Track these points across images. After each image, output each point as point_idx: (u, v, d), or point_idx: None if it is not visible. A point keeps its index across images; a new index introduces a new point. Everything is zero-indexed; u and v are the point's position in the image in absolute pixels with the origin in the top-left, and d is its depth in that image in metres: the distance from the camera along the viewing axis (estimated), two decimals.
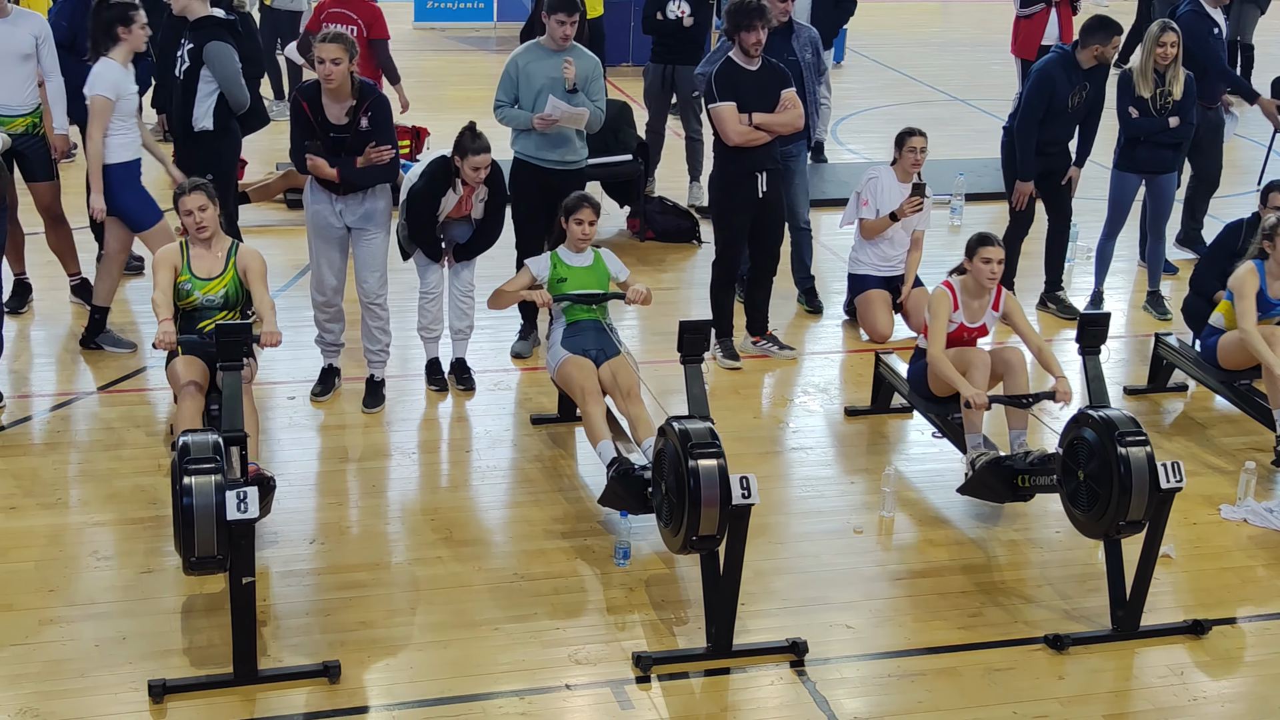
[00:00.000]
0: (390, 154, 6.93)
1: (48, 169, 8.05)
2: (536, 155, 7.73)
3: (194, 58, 7.69)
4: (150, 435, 6.97)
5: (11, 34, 7.71)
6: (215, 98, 7.73)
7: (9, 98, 7.73)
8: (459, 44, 16.44)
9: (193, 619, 5.52)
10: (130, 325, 8.22)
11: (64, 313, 8.33)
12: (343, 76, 6.76)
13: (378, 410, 7.31)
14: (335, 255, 7.20)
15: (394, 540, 6.18)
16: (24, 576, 5.73)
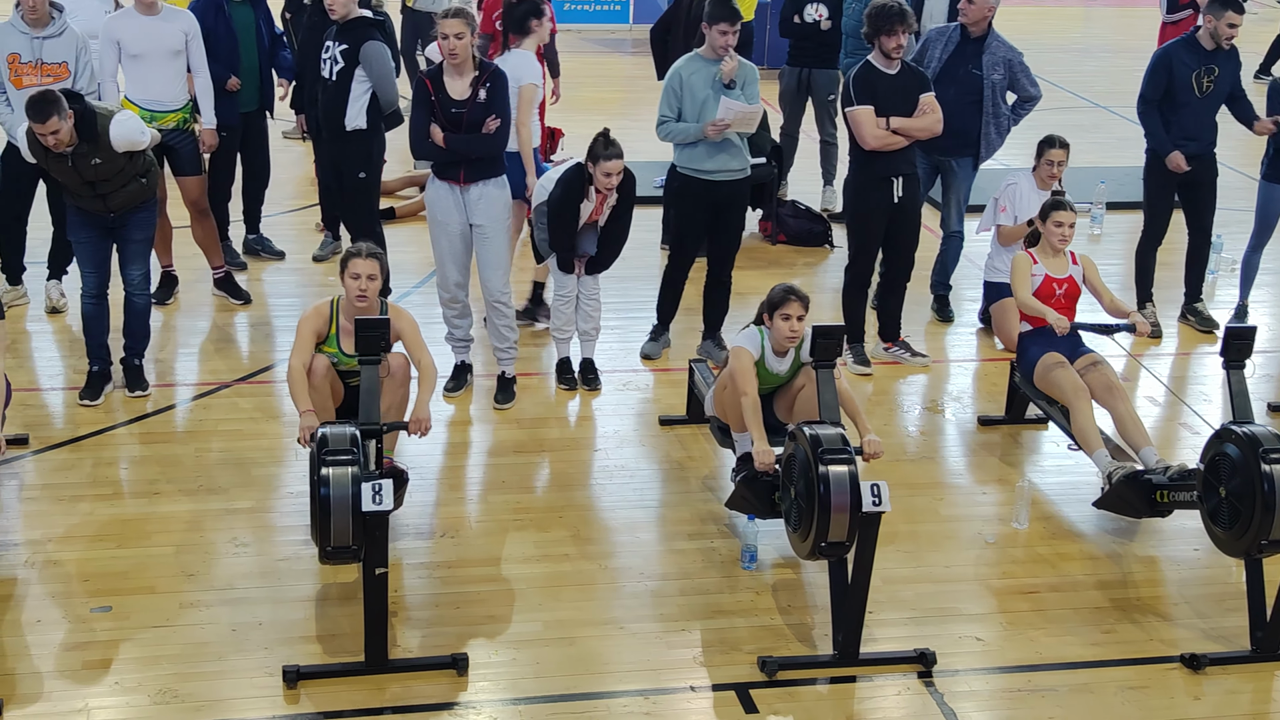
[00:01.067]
0: (498, 123, 6.99)
1: (196, 164, 8.27)
2: (698, 167, 7.58)
3: (347, 58, 7.83)
4: (286, 426, 7.12)
5: (163, 31, 7.93)
6: (368, 97, 7.87)
7: (160, 93, 7.95)
8: (594, 45, 16.55)
9: (326, 607, 5.62)
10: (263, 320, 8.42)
11: (207, 305, 8.54)
12: (465, 50, 6.87)
13: (509, 406, 7.38)
14: (458, 250, 7.27)
15: (522, 536, 6.23)
16: (165, 560, 5.89)
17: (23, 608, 5.51)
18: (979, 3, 8.15)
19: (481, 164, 7.07)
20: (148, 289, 7.32)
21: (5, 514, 6.16)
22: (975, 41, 8.24)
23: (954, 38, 8.26)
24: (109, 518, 6.20)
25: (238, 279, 8.70)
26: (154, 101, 7.91)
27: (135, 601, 5.58)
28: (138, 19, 7.94)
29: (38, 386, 7.41)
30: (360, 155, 7.99)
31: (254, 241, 9.32)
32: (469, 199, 7.12)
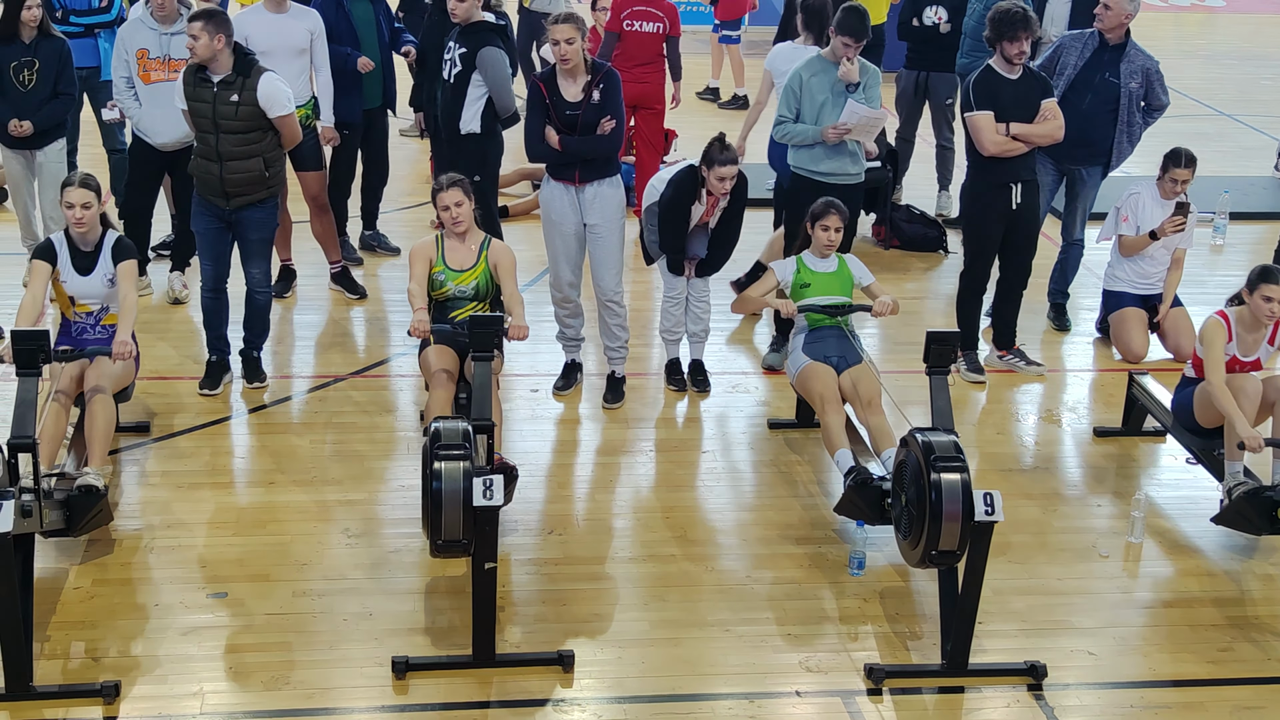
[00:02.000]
0: (612, 124, 7.01)
1: (317, 159, 8.40)
2: (814, 169, 7.57)
3: (465, 62, 7.89)
4: (399, 420, 7.20)
5: (289, 28, 8.07)
6: (484, 102, 7.93)
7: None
8: (709, 47, 16.48)
9: (435, 600, 5.68)
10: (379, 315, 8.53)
11: (324, 299, 8.67)
12: (577, 55, 6.91)
13: (618, 406, 7.40)
14: (572, 249, 7.31)
15: (628, 535, 6.24)
16: (279, 549, 6.00)
17: (142, 592, 5.64)
18: (1116, 9, 7.99)
19: (596, 164, 7.11)
20: (268, 286, 7.45)
21: (126, 499, 6.30)
22: (1113, 49, 8.08)
23: (1091, 44, 8.10)
24: (226, 505, 6.32)
25: (354, 274, 8.83)
26: None
27: (250, 588, 5.69)
28: (266, 16, 8.08)
29: (159, 375, 7.57)
30: (475, 158, 8.05)
31: (370, 238, 9.44)
32: (584, 199, 7.16)
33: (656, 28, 9.81)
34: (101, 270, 6.29)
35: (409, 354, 7.75)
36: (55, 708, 4.94)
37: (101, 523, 5.81)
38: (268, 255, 7.40)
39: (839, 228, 6.82)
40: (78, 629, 5.37)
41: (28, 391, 5.32)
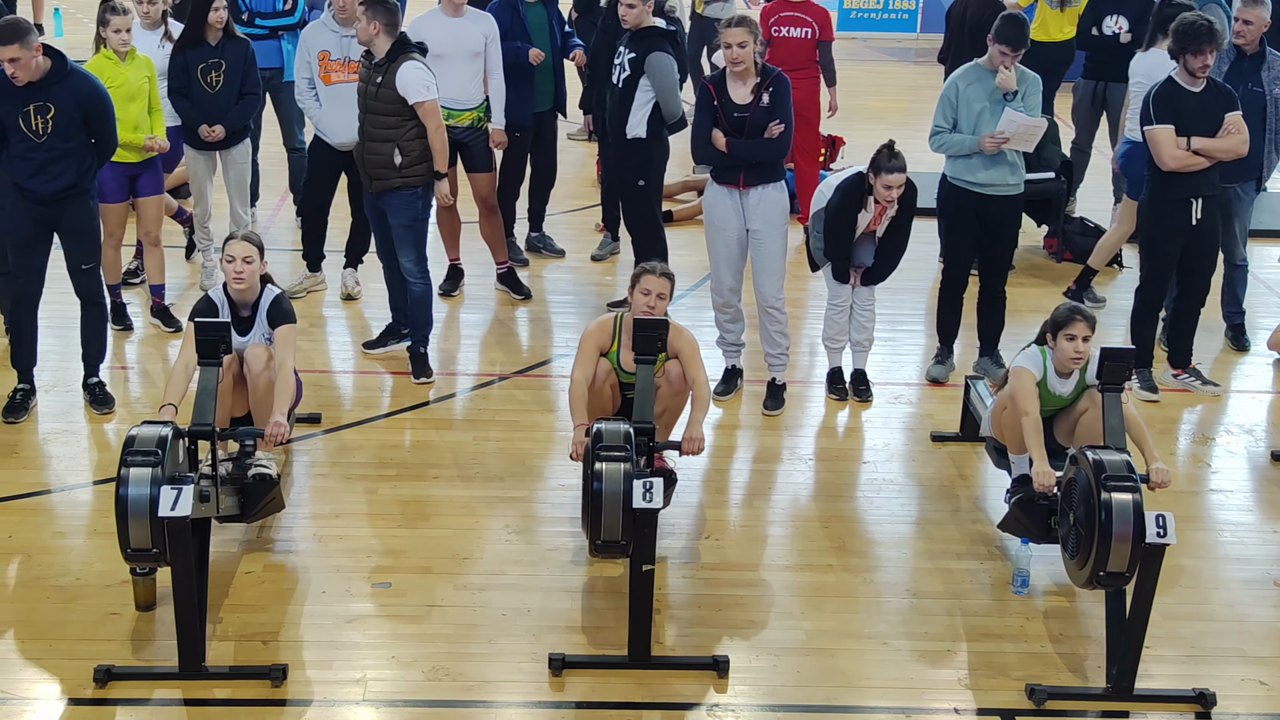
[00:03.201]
0: (781, 128, 6.98)
1: (487, 161, 8.54)
2: (971, 179, 7.45)
3: (634, 67, 7.95)
4: (560, 419, 7.27)
5: (465, 32, 8.21)
6: (651, 107, 7.97)
7: (457, 92, 8.22)
8: (879, 54, 16.40)
9: (593, 599, 5.72)
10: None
11: (490, 298, 8.80)
12: (748, 58, 6.91)
13: (777, 413, 7.38)
14: (734, 255, 7.30)
15: (786, 543, 6.21)
16: (442, 542, 6.10)
17: (310, 579, 5.79)
18: (1257, 23, 7.76)
19: (761, 168, 7.10)
20: (420, 276, 7.56)
21: (296, 488, 6.48)
22: (1252, 59, 7.82)
23: (1228, 57, 7.85)
24: (391, 498, 6.46)
25: (520, 275, 8.95)
26: (451, 100, 8.17)
27: (412, 580, 5.80)
28: (443, 19, 8.23)
29: (330, 369, 7.76)
30: (640, 163, 8.10)
31: (536, 239, 9.57)
32: (747, 204, 7.15)
33: (805, 33, 9.76)
34: (258, 331, 6.18)
35: (570, 355, 7.80)
36: (225, 687, 5.10)
37: (273, 510, 5.98)
38: (413, 244, 7.51)
39: (1087, 336, 5.84)
40: (248, 612, 5.54)
41: (209, 381, 5.49)
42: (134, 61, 7.60)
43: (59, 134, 6.60)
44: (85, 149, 6.75)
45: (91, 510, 6.28)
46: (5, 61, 6.37)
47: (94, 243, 7.01)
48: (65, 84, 6.57)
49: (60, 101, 6.56)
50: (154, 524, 4.93)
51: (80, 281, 7.01)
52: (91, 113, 6.67)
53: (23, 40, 6.35)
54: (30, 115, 6.55)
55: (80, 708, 4.97)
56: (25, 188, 6.70)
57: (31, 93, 6.52)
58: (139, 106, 7.59)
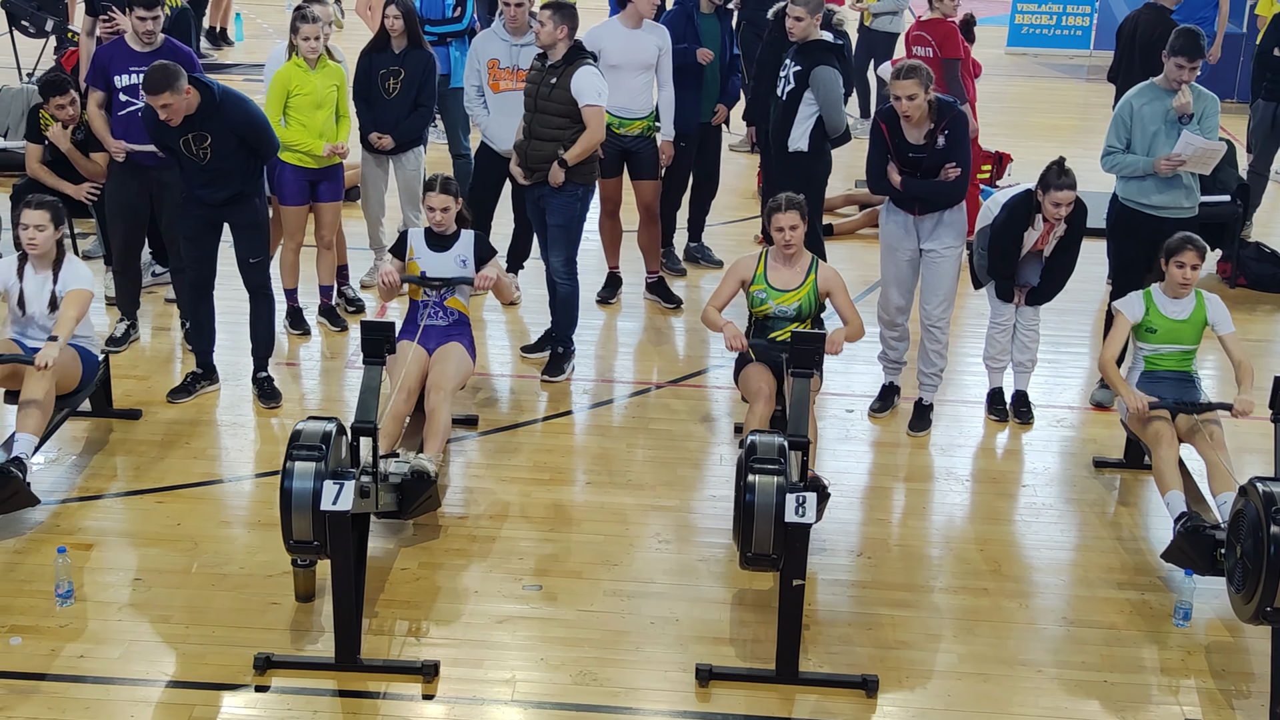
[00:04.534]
0: (957, 172, 6.88)
1: (653, 169, 8.57)
2: (1144, 201, 7.26)
3: (799, 80, 7.92)
4: (714, 430, 7.28)
5: (641, 43, 8.26)
6: (814, 120, 7.93)
7: (629, 101, 8.26)
8: (1050, 70, 16.08)
9: (741, 611, 5.71)
10: None
11: (641, 307, 8.84)
12: (919, 110, 6.77)
13: (923, 434, 7.28)
14: (905, 275, 7.23)
15: (939, 565, 6.13)
16: (593, 548, 6.14)
17: (463, 577, 5.87)
18: None
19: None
20: (567, 277, 7.66)
21: (453, 488, 6.58)
22: None
23: None
24: (544, 501, 6.52)
25: (677, 285, 8.97)
26: (622, 109, 8.21)
27: (563, 584, 5.85)
28: (621, 30, 8.26)
29: (488, 372, 7.88)
30: (801, 176, 8.06)
31: (695, 249, 9.58)
32: (922, 226, 7.07)
33: (928, 52, 9.58)
34: (456, 251, 6.61)
35: (726, 366, 7.81)
36: (379, 681, 5.20)
37: (430, 508, 6.09)
38: (565, 244, 7.59)
39: (1195, 265, 6.38)
40: (403, 608, 5.64)
41: (372, 379, 5.61)
42: (324, 69, 7.80)
43: (218, 156, 6.90)
44: (248, 161, 7.02)
45: (256, 501, 6.46)
46: (158, 107, 6.64)
47: (262, 237, 7.23)
48: (217, 116, 6.83)
49: (214, 130, 6.83)
50: (316, 517, 5.06)
51: (249, 275, 7.24)
52: (246, 134, 6.93)
53: (173, 87, 6.61)
54: (189, 143, 6.83)
55: (240, 693, 5.12)
56: (196, 195, 6.99)
57: (186, 125, 6.80)
58: (325, 114, 7.79)
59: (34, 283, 6.44)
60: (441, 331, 6.67)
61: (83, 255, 9.17)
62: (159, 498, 6.42)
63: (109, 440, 6.91)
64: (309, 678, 5.20)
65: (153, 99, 6.60)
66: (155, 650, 5.33)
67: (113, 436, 6.94)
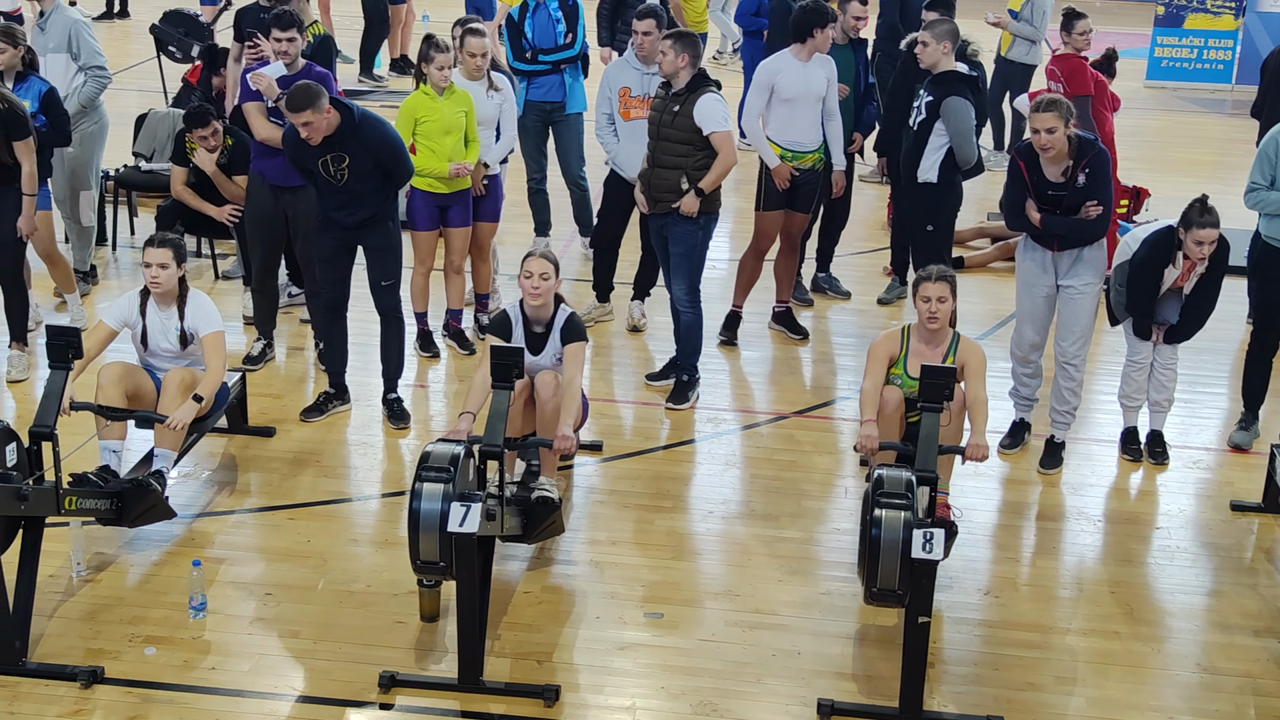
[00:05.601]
0: (1098, 210, 6.75)
1: (811, 203, 8.49)
2: None
3: (930, 110, 7.85)
4: (840, 462, 7.22)
5: (814, 75, 8.19)
6: (944, 152, 7.85)
7: (801, 135, 8.20)
8: (1190, 105, 15.75)
9: (865, 647, 5.64)
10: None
11: (766, 337, 8.79)
12: (1059, 143, 6.63)
13: (1054, 472, 7.13)
14: (1040, 311, 7.11)
15: (1069, 606, 6.00)
16: (715, 577, 6.13)
17: (585, 603, 5.89)
18: None
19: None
20: (690, 306, 7.65)
21: (575, 513, 6.60)
22: None
23: None
24: (666, 529, 6.52)
25: (804, 315, 8.92)
26: (795, 143, 8.17)
27: (684, 612, 5.83)
28: (796, 64, 8.14)
29: (613, 399, 7.90)
30: (929, 208, 7.98)
31: (823, 280, 9.53)
32: (1061, 263, 6.95)
33: (1056, 88, 9.40)
34: (550, 350, 6.40)
35: (852, 397, 7.75)
36: (500, 703, 5.23)
37: (554, 533, 6.12)
38: (688, 273, 7.59)
39: None
40: (525, 631, 5.67)
41: (500, 404, 5.66)
42: (452, 96, 7.91)
43: (355, 178, 7.00)
44: (383, 184, 7.12)
45: (384, 521, 6.55)
46: (299, 125, 6.78)
47: (395, 261, 7.34)
48: (356, 136, 6.94)
49: (353, 151, 6.94)
50: (443, 538, 5.12)
51: (380, 297, 7.36)
52: (382, 157, 7.04)
53: (314, 105, 6.73)
54: (328, 164, 6.96)
55: (364, 710, 5.18)
56: (332, 218, 7.11)
57: (326, 146, 6.93)
58: (454, 140, 7.90)
59: (157, 319, 6.44)
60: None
61: (222, 275, 9.41)
62: (290, 514, 6.54)
63: (243, 457, 7.06)
64: (432, 697, 5.25)
65: (294, 116, 6.74)
66: (283, 665, 5.42)
67: (247, 453, 7.09)
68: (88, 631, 5.56)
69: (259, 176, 7.83)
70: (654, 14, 8.28)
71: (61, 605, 5.72)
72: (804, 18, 8.12)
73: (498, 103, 8.34)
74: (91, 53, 8.70)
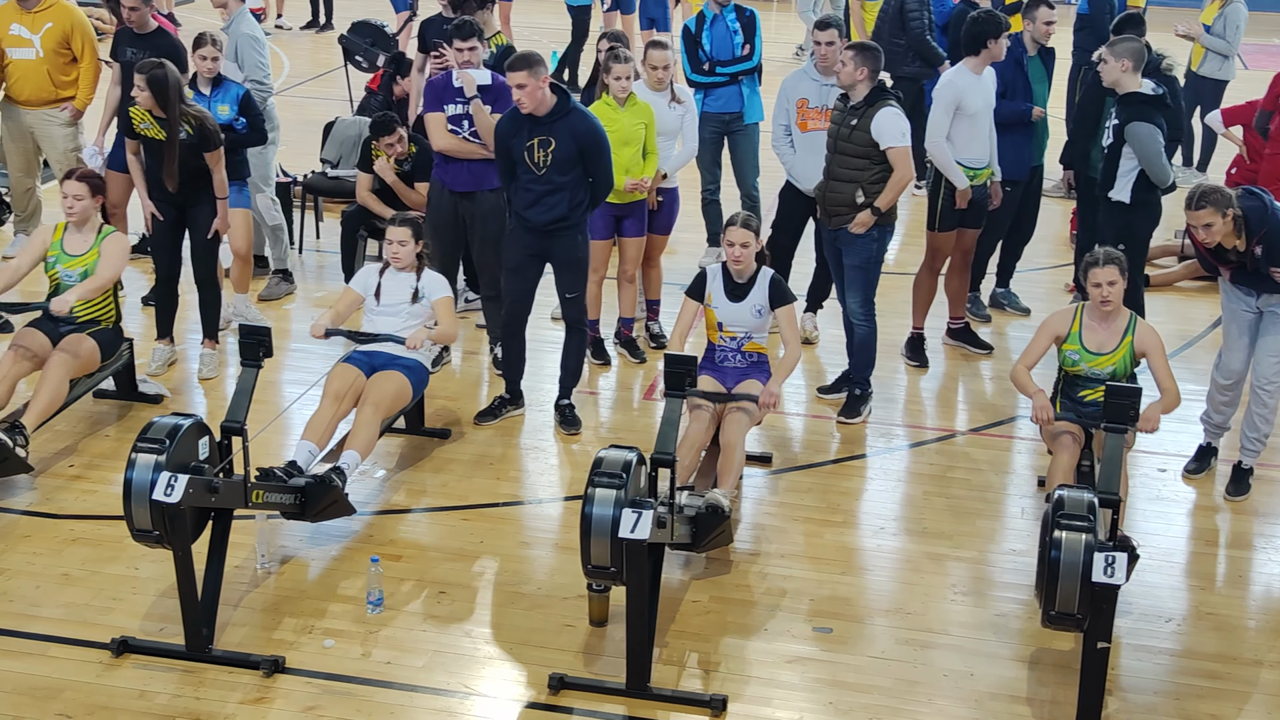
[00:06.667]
0: None
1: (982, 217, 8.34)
2: None
3: (1116, 134, 7.70)
4: (1015, 481, 7.07)
5: (988, 88, 8.10)
6: (1136, 173, 7.66)
7: (982, 151, 8.11)
8: None
9: (1039, 671, 5.51)
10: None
11: (941, 352, 8.65)
12: (1219, 235, 6.40)
13: (1241, 499, 6.88)
14: (1245, 340, 6.86)
15: (1257, 637, 5.78)
16: (886, 594, 6.05)
17: (753, 615, 5.87)
18: None
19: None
20: (865, 319, 7.58)
21: (745, 524, 6.58)
22: None
23: None
24: (836, 543, 6.46)
25: (983, 331, 8.77)
26: (975, 159, 8.08)
27: (854, 628, 5.78)
28: (970, 77, 8.06)
29: (784, 410, 7.85)
30: (1121, 228, 7.77)
31: (1001, 295, 9.36)
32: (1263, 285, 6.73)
33: None
34: (752, 300, 6.62)
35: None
36: (667, 709, 5.24)
37: (723, 543, 6.11)
38: (862, 285, 7.52)
39: None
40: (693, 640, 5.67)
41: (673, 412, 5.68)
42: (632, 108, 7.96)
43: (556, 168, 7.05)
44: (579, 184, 7.17)
45: (556, 525, 6.62)
46: (514, 88, 6.90)
47: (581, 273, 7.41)
48: (566, 120, 7.02)
49: (560, 136, 7.01)
50: (614, 544, 5.15)
51: (567, 309, 7.44)
52: (588, 149, 7.08)
53: (531, 69, 6.88)
54: (534, 148, 7.03)
55: (534, 711, 5.24)
56: (523, 216, 7.20)
57: (536, 126, 7.00)
58: (632, 151, 7.94)
59: (394, 279, 7.00)
60: (740, 372, 6.70)
61: None
62: (464, 515, 6.65)
63: (420, 457, 7.20)
64: (600, 701, 5.28)
65: (512, 77, 6.91)
66: (456, 662, 5.51)
67: (423, 454, 7.23)
68: (270, 622, 5.73)
69: (439, 183, 7.99)
70: (834, 24, 8.23)
71: (246, 596, 5.90)
72: (977, 28, 8.00)
73: (680, 114, 8.38)
74: (254, 66, 8.98)
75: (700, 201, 9.74)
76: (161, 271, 8.05)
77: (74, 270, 7.16)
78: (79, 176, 7.22)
